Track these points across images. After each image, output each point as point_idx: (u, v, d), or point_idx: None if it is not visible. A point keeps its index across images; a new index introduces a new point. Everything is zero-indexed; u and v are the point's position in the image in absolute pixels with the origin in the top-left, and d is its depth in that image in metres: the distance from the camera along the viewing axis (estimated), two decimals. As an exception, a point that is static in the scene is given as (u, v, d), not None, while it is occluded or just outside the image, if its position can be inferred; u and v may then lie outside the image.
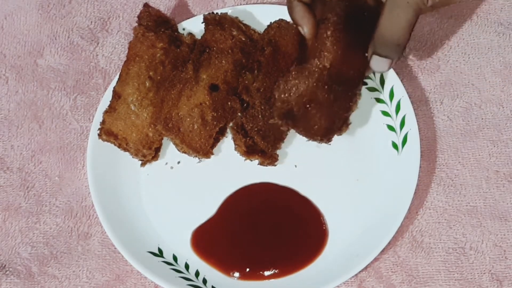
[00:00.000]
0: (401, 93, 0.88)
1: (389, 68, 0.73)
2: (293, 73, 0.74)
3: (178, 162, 0.92)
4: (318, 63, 0.73)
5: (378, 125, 0.90)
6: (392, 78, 0.89)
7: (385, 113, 0.90)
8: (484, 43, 0.94)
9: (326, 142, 0.80)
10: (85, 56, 0.99)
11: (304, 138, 0.81)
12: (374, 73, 0.88)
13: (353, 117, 0.86)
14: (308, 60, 0.74)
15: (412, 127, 0.87)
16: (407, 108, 0.88)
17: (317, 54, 0.73)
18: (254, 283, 0.85)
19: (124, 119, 0.87)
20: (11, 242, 0.91)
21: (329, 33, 0.73)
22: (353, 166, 0.89)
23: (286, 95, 0.75)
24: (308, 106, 0.75)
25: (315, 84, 0.73)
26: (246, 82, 0.87)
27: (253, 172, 0.89)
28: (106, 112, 0.88)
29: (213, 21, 0.90)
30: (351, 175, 0.89)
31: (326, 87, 0.74)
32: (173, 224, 0.89)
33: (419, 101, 0.92)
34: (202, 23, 0.91)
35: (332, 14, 0.74)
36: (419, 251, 0.85)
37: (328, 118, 0.77)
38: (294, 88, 0.74)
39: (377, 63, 0.72)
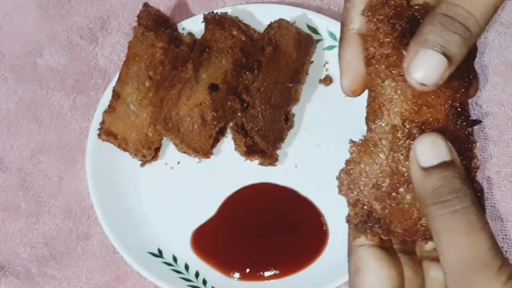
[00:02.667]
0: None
1: (445, 73, 0.42)
2: (353, 155, 0.48)
3: (178, 162, 0.91)
4: (383, 125, 0.46)
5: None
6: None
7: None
8: (485, 43, 0.94)
9: None
10: (84, 56, 0.99)
11: (304, 138, 0.80)
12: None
13: (354, 116, 0.85)
14: (368, 127, 0.48)
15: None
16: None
17: (377, 113, 0.47)
18: (254, 283, 0.84)
19: (124, 119, 0.87)
20: (10, 243, 0.90)
21: (383, 68, 0.46)
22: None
23: (355, 192, 0.47)
24: (392, 194, 0.45)
25: (390, 157, 0.45)
26: (246, 82, 0.87)
27: (253, 172, 0.89)
28: (105, 112, 0.87)
29: (213, 21, 0.90)
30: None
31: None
32: (173, 224, 0.89)
33: (420, 101, 0.92)
34: (202, 22, 0.91)
35: (376, 44, 0.46)
36: (420, 251, 0.85)
37: None
38: (362, 178, 0.46)
39: (425, 62, 0.41)
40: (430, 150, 0.41)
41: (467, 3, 0.41)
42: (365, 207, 0.46)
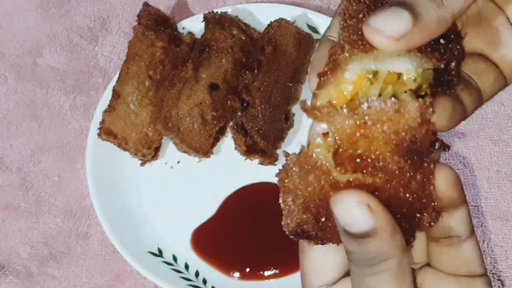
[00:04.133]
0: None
1: (407, 30, 0.37)
2: (290, 166, 0.44)
3: (178, 162, 0.91)
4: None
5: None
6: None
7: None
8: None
9: None
10: (84, 55, 0.99)
11: (304, 138, 0.80)
12: None
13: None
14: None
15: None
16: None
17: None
18: (254, 283, 0.84)
19: (124, 118, 0.86)
20: (10, 242, 0.90)
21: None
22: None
23: (289, 204, 0.44)
24: (320, 219, 0.42)
25: (319, 185, 0.41)
26: (246, 81, 0.87)
27: (253, 172, 0.89)
28: (105, 111, 0.87)
29: (213, 20, 0.90)
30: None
31: None
32: (173, 224, 0.89)
33: (420, 100, 0.92)
34: (202, 22, 0.91)
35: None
36: (420, 251, 0.85)
37: None
38: (293, 194, 0.43)
39: (387, 12, 0.37)
40: (348, 218, 0.37)
41: None
42: (297, 223, 0.43)
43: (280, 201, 0.42)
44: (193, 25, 0.94)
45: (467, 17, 0.46)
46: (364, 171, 0.38)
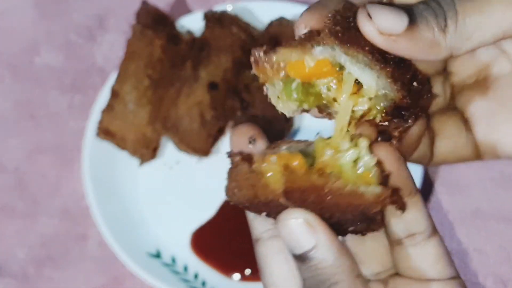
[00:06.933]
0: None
1: (400, 32, 0.37)
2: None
3: (177, 162, 0.91)
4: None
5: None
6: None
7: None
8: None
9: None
10: (82, 54, 0.99)
11: (304, 137, 0.80)
12: None
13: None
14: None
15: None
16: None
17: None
18: (255, 284, 0.84)
19: (122, 118, 0.86)
20: (7, 243, 0.90)
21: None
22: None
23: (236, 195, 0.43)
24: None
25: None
26: (246, 80, 0.87)
27: (253, 172, 0.88)
28: (103, 111, 0.87)
29: (213, 19, 0.90)
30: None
31: None
32: (172, 225, 0.88)
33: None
34: (203, 20, 0.91)
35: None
36: (422, 252, 0.85)
37: None
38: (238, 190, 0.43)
39: (386, 8, 0.37)
40: (293, 238, 0.38)
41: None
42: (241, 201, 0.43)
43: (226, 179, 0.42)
44: (192, 23, 0.94)
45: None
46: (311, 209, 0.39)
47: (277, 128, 0.87)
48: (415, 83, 0.40)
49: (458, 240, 0.85)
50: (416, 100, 0.40)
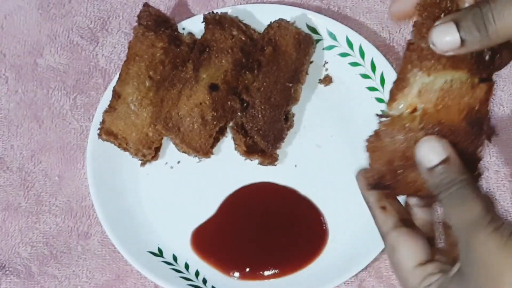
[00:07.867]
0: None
1: (455, 49, 0.47)
2: (380, 129, 0.53)
3: (178, 162, 0.92)
4: (405, 110, 0.51)
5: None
6: (391, 75, 0.89)
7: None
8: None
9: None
10: (85, 56, 0.99)
11: (304, 138, 0.80)
12: None
13: (354, 116, 0.86)
14: (390, 105, 0.52)
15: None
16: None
17: (402, 94, 0.51)
18: (254, 283, 0.85)
19: (124, 118, 0.87)
20: (11, 242, 0.91)
21: (415, 57, 0.50)
22: (353, 166, 0.89)
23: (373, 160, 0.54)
24: (399, 171, 0.53)
25: (405, 142, 0.51)
26: (246, 81, 0.87)
27: (253, 172, 0.89)
28: (106, 111, 0.87)
29: (213, 21, 0.90)
30: (351, 175, 0.88)
31: None
32: (173, 223, 0.89)
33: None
34: (202, 22, 0.91)
35: (418, 36, 0.50)
36: (419, 251, 0.85)
37: None
38: (380, 151, 0.53)
39: (443, 30, 0.47)
40: (429, 153, 0.49)
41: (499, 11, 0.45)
42: (377, 175, 0.53)
43: (369, 152, 0.53)
44: (193, 26, 0.94)
45: None
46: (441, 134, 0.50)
47: (277, 128, 0.87)
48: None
49: (455, 238, 0.85)
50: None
